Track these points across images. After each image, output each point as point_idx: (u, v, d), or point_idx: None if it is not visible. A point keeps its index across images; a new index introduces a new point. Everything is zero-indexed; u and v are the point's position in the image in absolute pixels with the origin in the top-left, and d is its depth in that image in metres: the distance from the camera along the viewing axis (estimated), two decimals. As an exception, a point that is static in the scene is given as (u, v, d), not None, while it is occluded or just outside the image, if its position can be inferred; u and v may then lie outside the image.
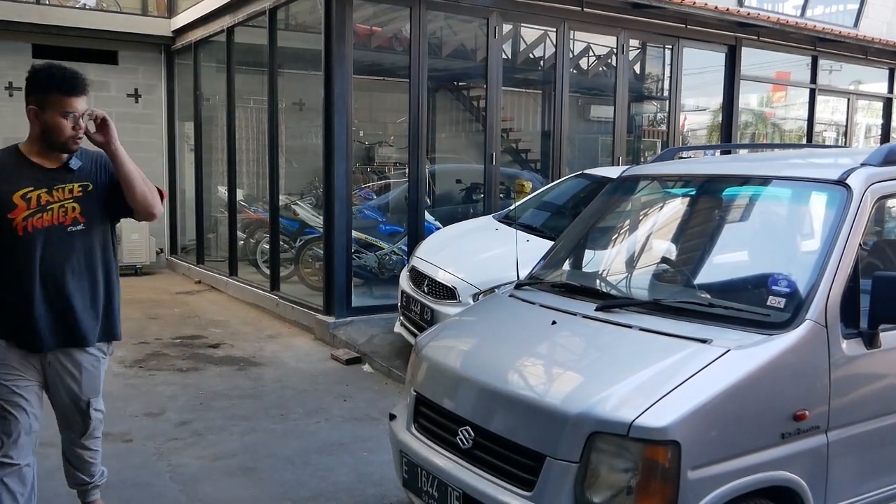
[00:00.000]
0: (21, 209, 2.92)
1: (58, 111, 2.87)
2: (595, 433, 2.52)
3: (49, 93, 2.87)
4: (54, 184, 2.99)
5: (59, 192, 2.99)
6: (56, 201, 2.98)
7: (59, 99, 2.87)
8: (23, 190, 2.93)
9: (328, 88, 7.08)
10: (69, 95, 2.88)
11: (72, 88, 2.89)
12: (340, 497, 4.01)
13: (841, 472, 2.81)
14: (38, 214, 2.94)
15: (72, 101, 2.88)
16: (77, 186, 3.03)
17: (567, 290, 3.52)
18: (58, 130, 2.91)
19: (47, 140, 2.94)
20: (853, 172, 3.05)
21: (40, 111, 2.89)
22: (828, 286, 2.79)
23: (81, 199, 3.03)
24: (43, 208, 2.96)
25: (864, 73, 12.56)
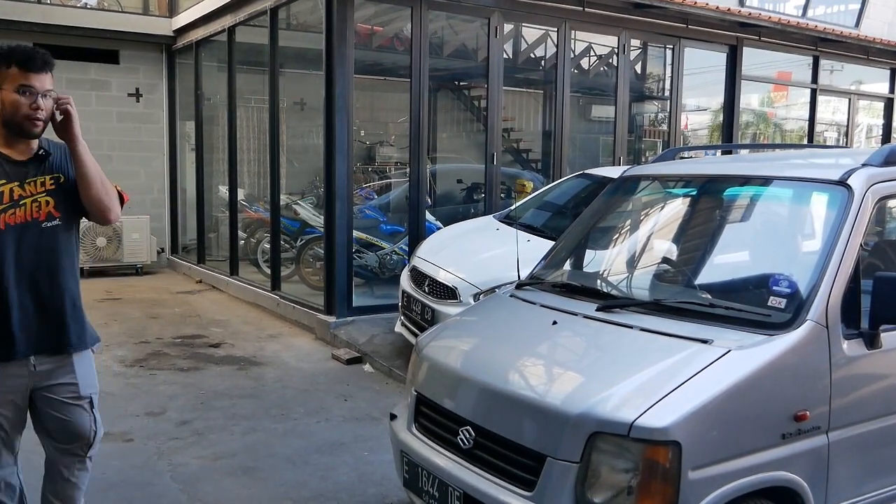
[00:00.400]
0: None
1: (12, 86, 2.63)
2: (596, 433, 2.52)
3: (8, 68, 2.64)
4: (26, 177, 2.74)
5: (31, 186, 2.75)
6: (28, 196, 2.74)
7: (15, 73, 2.63)
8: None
9: (329, 88, 7.09)
10: (27, 70, 2.64)
11: (29, 62, 2.65)
12: (341, 497, 4.01)
13: (842, 472, 2.81)
14: (10, 210, 2.70)
15: (30, 76, 2.64)
16: (49, 179, 2.79)
17: (568, 290, 3.52)
18: (13, 107, 2.64)
19: (10, 123, 2.67)
20: (854, 173, 3.05)
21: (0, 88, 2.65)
22: (829, 287, 2.79)
23: (54, 192, 2.79)
24: (16, 203, 2.71)
25: (865, 73, 12.55)
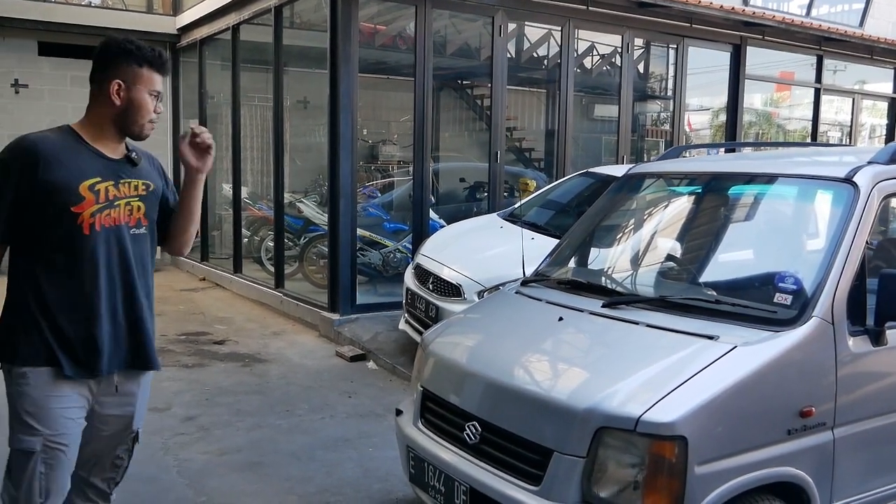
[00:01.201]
0: (89, 202, 2.46)
1: (146, 88, 2.52)
2: (602, 428, 2.53)
3: (140, 66, 2.50)
4: (120, 177, 2.56)
5: (125, 187, 2.57)
6: (123, 197, 2.55)
7: (150, 75, 2.52)
8: (91, 180, 2.48)
9: (333, 86, 7.10)
10: (160, 73, 2.56)
11: (162, 66, 2.57)
12: (346, 492, 4.03)
13: (847, 468, 2.82)
14: (105, 210, 2.50)
15: (159, 80, 2.57)
16: (141, 184, 2.62)
17: (573, 286, 3.53)
18: (143, 110, 2.52)
19: (124, 122, 2.52)
20: (860, 170, 3.06)
21: (129, 86, 2.49)
22: (834, 283, 2.80)
23: (146, 198, 2.63)
24: (111, 203, 2.52)
25: (868, 72, 12.55)
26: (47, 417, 2.43)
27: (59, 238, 2.45)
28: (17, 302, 2.47)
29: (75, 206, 2.44)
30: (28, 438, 2.42)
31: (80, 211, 2.44)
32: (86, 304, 2.49)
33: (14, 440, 2.46)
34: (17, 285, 2.48)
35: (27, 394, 2.43)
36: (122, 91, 2.48)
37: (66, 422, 2.47)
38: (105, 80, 2.49)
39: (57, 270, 2.46)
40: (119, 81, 2.48)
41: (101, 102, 2.51)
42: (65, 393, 2.47)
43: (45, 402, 2.43)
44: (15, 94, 10.50)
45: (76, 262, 2.47)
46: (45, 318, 2.45)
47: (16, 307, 2.47)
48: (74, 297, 2.48)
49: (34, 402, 2.43)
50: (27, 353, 2.44)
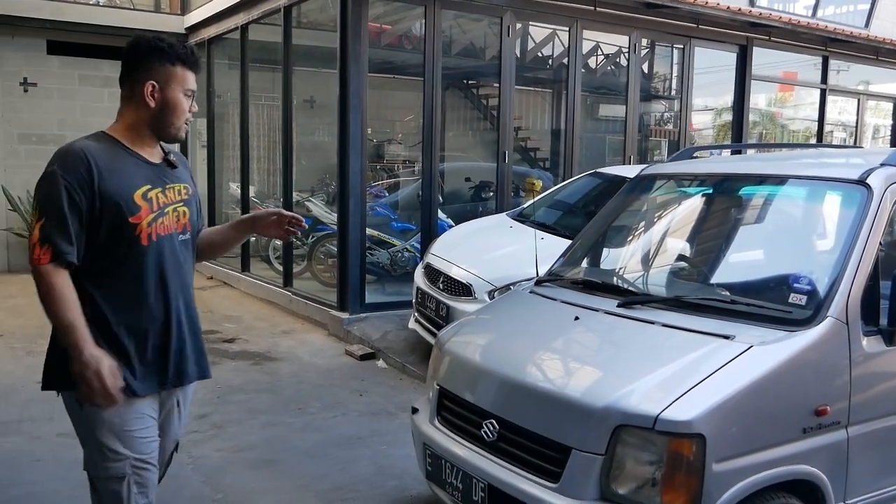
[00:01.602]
0: (145, 211, 2.38)
1: (181, 87, 2.44)
2: (621, 426, 2.57)
3: (174, 65, 2.42)
4: (165, 182, 2.48)
5: (171, 193, 2.48)
6: (170, 203, 2.47)
7: (184, 73, 2.44)
8: (142, 188, 2.39)
9: (343, 86, 7.14)
10: (193, 70, 2.48)
11: (196, 63, 2.49)
12: (361, 489, 4.07)
13: (860, 466, 2.85)
14: (159, 219, 2.42)
15: (193, 77, 2.49)
16: (183, 187, 2.55)
17: (587, 286, 3.56)
18: (179, 110, 2.44)
19: (160, 124, 2.44)
20: (873, 172, 3.10)
21: (163, 86, 2.41)
22: (849, 284, 2.84)
23: (188, 202, 2.56)
24: (161, 211, 2.43)
25: (871, 73, 12.57)
26: (131, 440, 2.37)
27: (120, 253, 2.36)
28: None
29: (133, 217, 2.35)
30: (115, 465, 2.36)
31: (137, 221, 2.35)
32: (154, 319, 2.42)
33: (99, 469, 2.39)
34: None
35: (106, 420, 2.34)
36: (157, 92, 2.40)
37: (148, 441, 2.43)
38: (137, 81, 2.40)
39: (120, 287, 2.37)
40: (153, 82, 2.39)
41: (134, 105, 2.42)
42: (142, 412, 2.41)
43: (127, 426, 2.37)
44: (24, 93, 10.55)
45: (139, 275, 2.38)
46: (114, 340, 2.35)
47: None
48: (141, 313, 2.40)
49: (115, 427, 2.35)
50: None
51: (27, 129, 10.60)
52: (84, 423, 2.38)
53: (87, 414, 2.35)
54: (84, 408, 2.34)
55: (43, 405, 5.19)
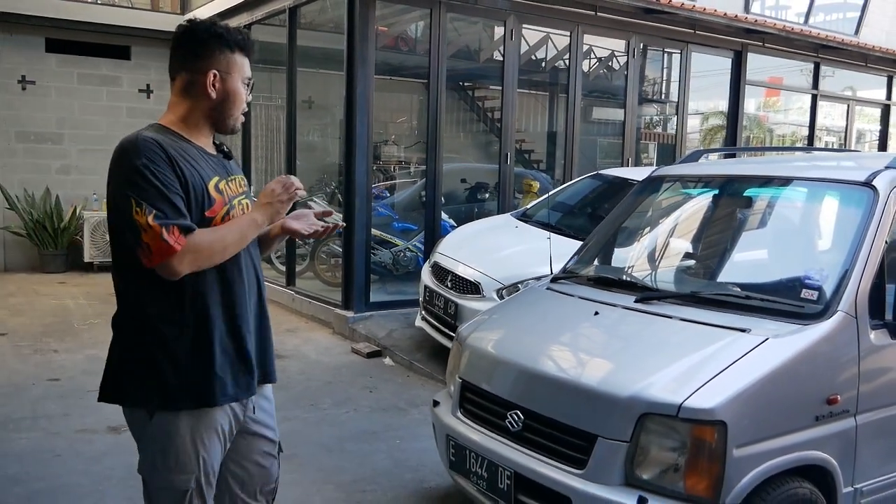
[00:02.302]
0: (219, 204, 2.23)
1: (241, 76, 2.30)
2: (646, 414, 2.70)
3: (233, 52, 2.27)
4: (228, 173, 2.35)
5: (234, 185, 2.35)
6: (235, 195, 2.32)
7: (242, 61, 2.29)
8: (213, 179, 2.25)
9: (350, 88, 7.24)
10: (250, 57, 2.34)
11: (253, 49, 2.34)
12: (380, 481, 4.18)
13: (867, 453, 3.00)
14: (231, 212, 2.26)
15: (249, 65, 2.34)
16: (241, 179, 2.42)
17: (603, 283, 3.70)
18: (239, 100, 2.31)
19: (219, 116, 2.29)
20: (879, 175, 3.26)
21: (224, 76, 2.26)
22: (857, 280, 2.99)
23: (248, 194, 2.42)
24: (231, 204, 2.28)
25: (857, 79, 12.80)
26: (201, 455, 2.24)
27: None
28: (150, 336, 2.18)
29: (209, 211, 2.20)
30: (182, 478, 2.23)
31: (213, 215, 2.21)
32: (235, 323, 2.27)
33: (162, 480, 2.25)
34: (147, 316, 2.18)
35: (179, 435, 2.21)
36: (218, 82, 2.24)
37: (217, 456, 2.30)
38: (198, 70, 2.23)
39: (201, 290, 2.19)
40: (215, 71, 2.23)
41: (194, 96, 2.25)
42: (216, 425, 2.26)
43: (200, 441, 2.24)
44: (22, 91, 10.58)
45: (220, 275, 2.23)
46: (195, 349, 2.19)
47: (150, 343, 2.18)
48: (225, 317, 2.24)
49: (187, 443, 2.22)
50: (177, 395, 2.18)
51: (25, 128, 10.63)
52: (154, 435, 2.23)
53: (160, 429, 2.21)
54: (155, 417, 2.20)
55: (57, 402, 5.30)
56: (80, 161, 10.96)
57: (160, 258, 2.06)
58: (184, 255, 2.07)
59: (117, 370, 2.26)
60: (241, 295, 2.29)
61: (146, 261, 2.08)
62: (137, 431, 2.29)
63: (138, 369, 2.20)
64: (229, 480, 2.43)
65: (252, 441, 2.45)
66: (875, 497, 3.07)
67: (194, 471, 2.25)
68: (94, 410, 4.66)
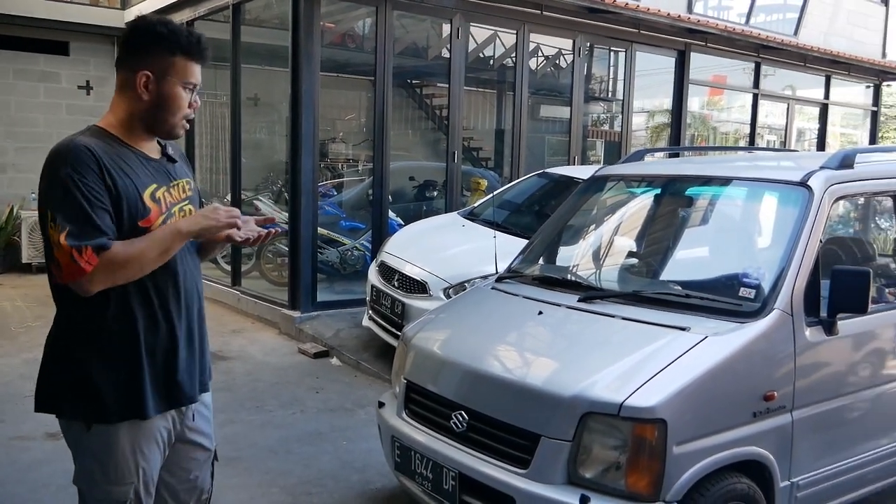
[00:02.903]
0: (155, 213, 2.15)
1: (180, 80, 2.17)
2: (588, 413, 2.72)
3: (173, 55, 2.15)
4: (170, 179, 2.25)
5: (176, 191, 2.25)
6: (176, 202, 2.24)
7: (185, 65, 2.17)
8: (150, 187, 2.16)
9: (295, 85, 7.15)
10: (197, 62, 2.20)
11: (200, 53, 2.20)
12: (326, 483, 4.14)
13: (803, 447, 3.08)
14: (168, 221, 2.18)
15: (197, 70, 2.21)
16: (185, 183, 2.32)
17: (548, 282, 3.72)
18: (174, 106, 2.18)
19: (152, 120, 2.19)
20: (813, 175, 3.33)
21: (158, 78, 2.15)
22: (793, 278, 3.06)
23: (193, 199, 2.33)
24: (170, 212, 2.20)
25: (798, 78, 13.13)
26: (140, 466, 2.19)
27: None
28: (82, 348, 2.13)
29: (143, 221, 2.12)
30: (121, 489, 2.18)
31: (147, 225, 2.12)
32: (168, 333, 2.20)
33: (100, 491, 2.19)
34: (78, 327, 2.14)
35: (119, 446, 2.16)
36: (151, 84, 2.14)
37: (156, 465, 2.26)
38: (132, 70, 2.14)
39: (132, 299, 2.13)
40: (147, 73, 2.13)
41: (127, 96, 2.17)
42: (155, 434, 2.22)
43: (139, 451, 2.19)
44: (-44, 89, 10.23)
45: (152, 285, 2.16)
46: (127, 359, 2.14)
47: (81, 355, 2.13)
48: (156, 328, 2.18)
49: (127, 454, 2.17)
50: (113, 408, 2.12)
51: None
52: (91, 446, 2.17)
53: (96, 441, 2.16)
54: (93, 428, 2.14)
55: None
56: (17, 159, 10.62)
57: (70, 277, 2.01)
58: (94, 275, 2.01)
59: (50, 382, 2.19)
60: (176, 303, 2.23)
61: (58, 276, 2.04)
62: (74, 442, 2.23)
63: (72, 382, 2.14)
64: (161, 489, 2.36)
65: (187, 449, 2.39)
66: (811, 490, 3.14)
67: (133, 481, 2.20)
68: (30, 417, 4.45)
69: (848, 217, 4.43)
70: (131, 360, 2.15)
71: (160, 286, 2.19)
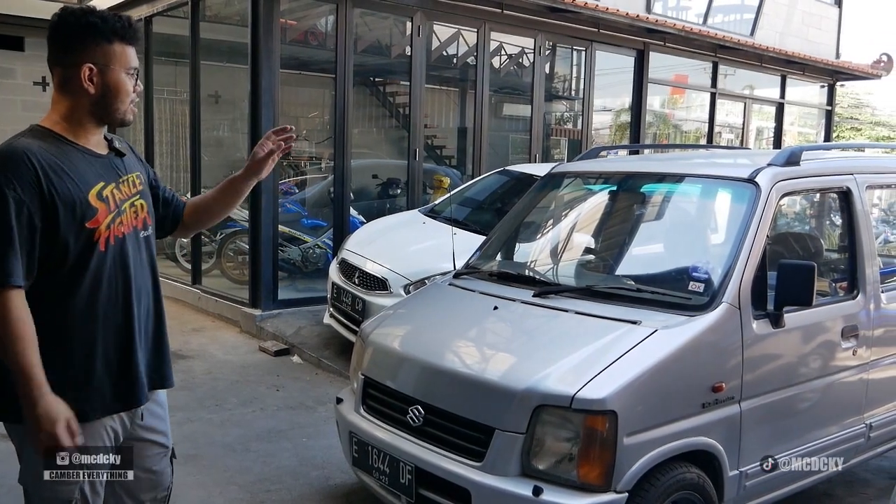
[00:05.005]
0: (103, 213, 2.11)
1: (122, 67, 2.14)
2: (540, 406, 2.77)
3: (111, 43, 2.11)
4: (118, 175, 2.21)
5: (125, 186, 2.22)
6: (126, 198, 2.21)
7: (122, 50, 2.13)
8: (96, 186, 2.12)
9: (255, 82, 7.11)
10: (133, 45, 2.18)
11: (135, 36, 2.18)
12: (285, 480, 4.14)
13: (751, 437, 3.15)
14: (117, 219, 2.16)
15: (134, 53, 2.18)
16: (136, 177, 2.28)
17: (504, 278, 3.77)
18: (122, 93, 2.15)
19: (103, 111, 2.16)
20: (761, 171, 3.41)
21: (101, 69, 2.11)
22: (741, 273, 3.13)
23: (143, 193, 2.30)
24: (119, 209, 2.17)
25: (756, 78, 13.38)
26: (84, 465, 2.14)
27: (75, 264, 2.08)
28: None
29: (90, 222, 2.08)
30: (66, 488, 2.14)
31: (95, 226, 2.09)
32: (119, 334, 2.18)
33: (46, 490, 2.14)
34: None
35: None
36: (96, 76, 2.10)
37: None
38: (72, 65, 2.09)
39: (77, 302, 2.10)
40: (90, 65, 2.09)
41: (71, 92, 2.12)
42: (100, 433, 2.18)
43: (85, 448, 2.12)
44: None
45: (99, 286, 2.12)
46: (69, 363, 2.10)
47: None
48: (106, 329, 2.15)
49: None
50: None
51: None
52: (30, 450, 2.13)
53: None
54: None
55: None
56: (-31, 156, 10.39)
57: None
58: None
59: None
60: (128, 302, 2.19)
61: None
62: (18, 442, 2.20)
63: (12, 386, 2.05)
64: (116, 487, 2.32)
65: (141, 447, 2.36)
66: (759, 479, 3.22)
67: (79, 480, 2.15)
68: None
69: (795, 212, 4.54)
70: (77, 362, 2.12)
71: (107, 290, 2.15)
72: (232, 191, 2.56)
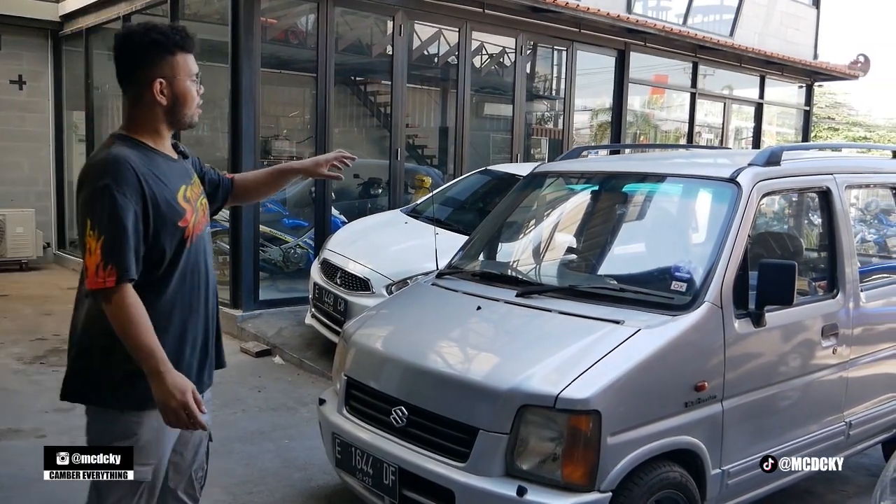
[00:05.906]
0: (189, 212, 2.30)
1: (188, 76, 2.31)
2: (524, 406, 2.77)
3: (174, 55, 2.27)
4: (190, 177, 2.41)
5: (195, 187, 2.41)
6: (197, 198, 2.40)
7: (185, 60, 2.30)
8: (181, 188, 2.31)
9: (235, 81, 7.07)
10: (192, 53, 2.34)
11: (193, 45, 2.34)
12: (268, 482, 4.11)
13: (733, 436, 3.17)
14: (196, 217, 2.35)
15: (193, 60, 2.35)
16: (198, 177, 2.50)
17: (487, 278, 3.76)
18: (190, 99, 2.32)
19: (175, 118, 2.32)
20: (742, 171, 3.43)
21: (170, 81, 2.27)
22: (722, 272, 3.15)
23: (205, 191, 2.51)
24: (195, 208, 2.36)
25: (734, 78, 13.48)
26: (158, 449, 2.30)
27: (171, 260, 2.26)
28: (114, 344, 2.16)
29: (182, 221, 2.27)
30: (142, 469, 2.26)
31: (185, 224, 2.28)
32: (196, 322, 2.35)
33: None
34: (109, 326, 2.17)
35: (139, 434, 2.25)
36: (166, 88, 2.26)
37: (168, 449, 2.36)
38: (144, 80, 2.26)
39: (174, 294, 2.28)
40: (160, 80, 2.25)
41: (147, 104, 2.28)
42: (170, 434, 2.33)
43: (159, 436, 2.28)
44: None
45: (186, 279, 2.30)
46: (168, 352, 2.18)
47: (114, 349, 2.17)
48: (185, 319, 2.31)
49: (147, 439, 2.26)
50: (142, 397, 2.18)
51: None
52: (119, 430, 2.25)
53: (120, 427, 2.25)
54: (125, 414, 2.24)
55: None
56: (-53, 155, 10.27)
57: (91, 286, 2.12)
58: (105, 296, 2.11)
59: (89, 373, 2.26)
60: (206, 292, 2.39)
61: (86, 281, 2.15)
62: (99, 428, 2.31)
63: (114, 375, 2.22)
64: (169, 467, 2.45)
65: (187, 441, 2.48)
66: (742, 477, 3.24)
67: (154, 462, 2.30)
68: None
69: (776, 212, 4.58)
70: (174, 347, 2.26)
71: (194, 282, 2.33)
72: (283, 180, 2.84)
